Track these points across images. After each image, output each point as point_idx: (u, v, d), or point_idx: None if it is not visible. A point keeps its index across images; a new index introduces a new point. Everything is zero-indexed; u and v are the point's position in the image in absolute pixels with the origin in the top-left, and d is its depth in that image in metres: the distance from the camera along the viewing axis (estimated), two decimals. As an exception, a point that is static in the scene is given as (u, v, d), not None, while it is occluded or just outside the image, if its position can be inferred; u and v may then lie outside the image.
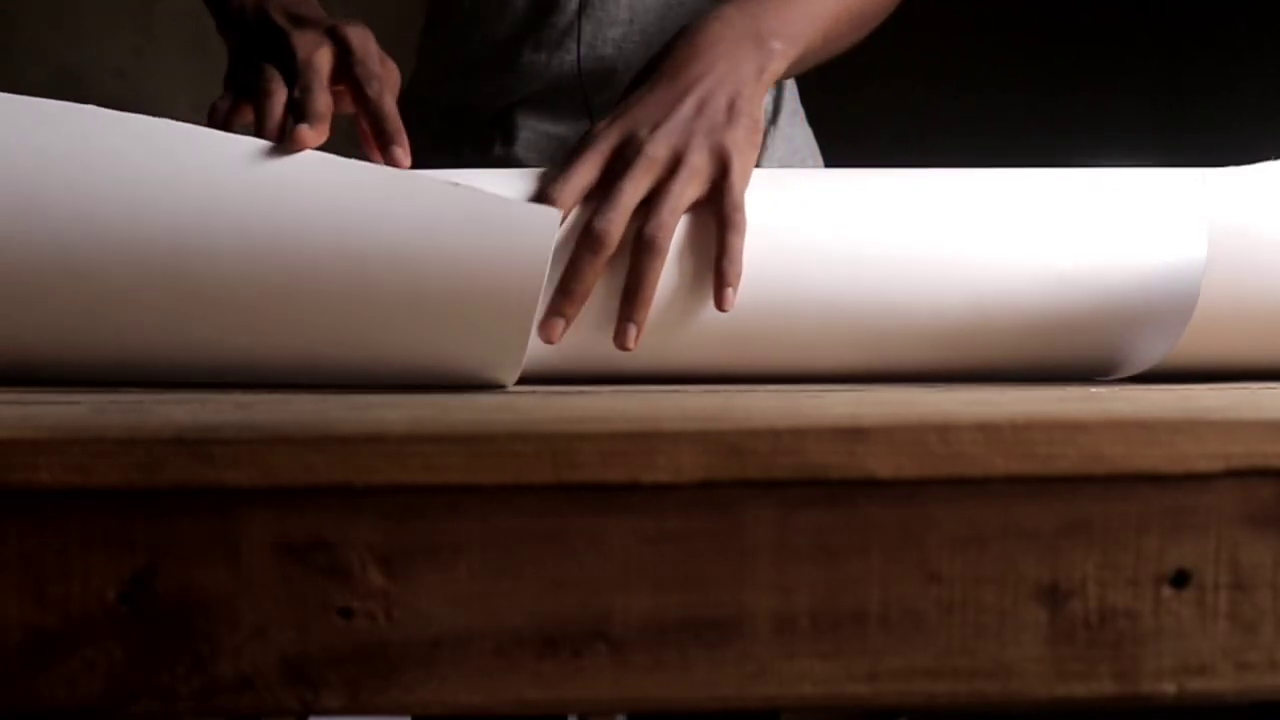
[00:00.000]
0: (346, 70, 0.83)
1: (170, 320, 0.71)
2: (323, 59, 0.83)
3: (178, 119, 0.86)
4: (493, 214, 0.70)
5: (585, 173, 0.77)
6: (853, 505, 0.56)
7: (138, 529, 0.55)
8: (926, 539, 0.57)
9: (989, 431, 0.56)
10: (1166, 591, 0.57)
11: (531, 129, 1.09)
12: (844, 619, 0.57)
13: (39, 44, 2.33)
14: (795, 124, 1.14)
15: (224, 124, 0.84)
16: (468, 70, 1.11)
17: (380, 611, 0.56)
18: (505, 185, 0.78)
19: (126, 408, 0.63)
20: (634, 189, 0.76)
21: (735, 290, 0.75)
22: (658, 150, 0.77)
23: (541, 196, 0.76)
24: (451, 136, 1.12)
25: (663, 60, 0.83)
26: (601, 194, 0.76)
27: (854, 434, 0.56)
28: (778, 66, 0.83)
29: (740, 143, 0.78)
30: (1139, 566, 0.57)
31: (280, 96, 0.81)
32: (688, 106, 0.79)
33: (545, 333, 0.75)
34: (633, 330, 0.74)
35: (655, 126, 0.78)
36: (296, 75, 0.82)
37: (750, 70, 0.81)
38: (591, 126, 0.81)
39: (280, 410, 0.62)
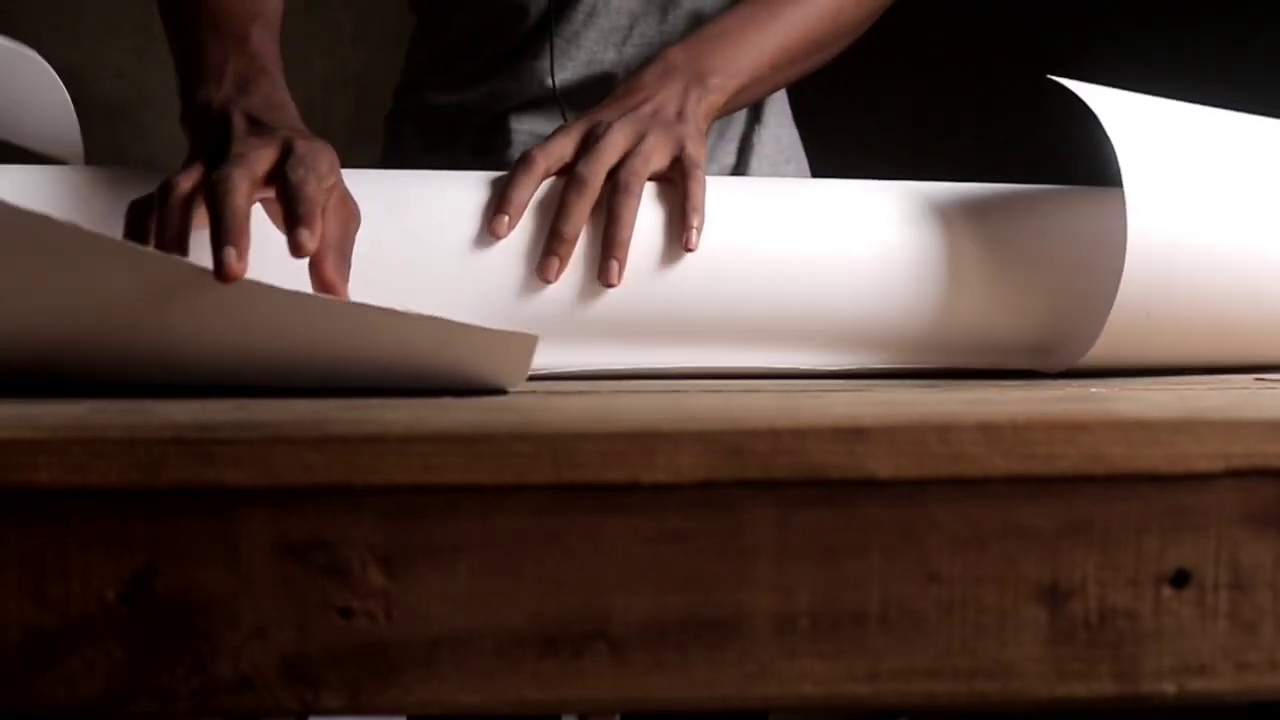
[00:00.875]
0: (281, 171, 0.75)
1: (157, 345, 0.71)
2: (259, 156, 0.75)
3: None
4: (477, 341, 0.69)
5: (559, 149, 0.85)
6: (853, 505, 0.56)
7: (138, 529, 0.55)
8: (926, 539, 0.57)
9: (989, 431, 0.56)
10: (1166, 591, 0.57)
11: (528, 133, 1.10)
12: (844, 619, 0.57)
13: (39, 44, 2.33)
14: (784, 125, 1.17)
15: (138, 227, 0.76)
16: (469, 76, 1.11)
17: (380, 611, 0.56)
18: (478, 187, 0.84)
19: (126, 408, 0.63)
20: (611, 147, 0.84)
21: (699, 231, 0.82)
22: (624, 128, 0.86)
23: (524, 158, 0.84)
24: (446, 138, 1.13)
25: (619, 88, 0.92)
26: (578, 157, 0.84)
27: (854, 434, 0.56)
28: (715, 100, 0.92)
29: (691, 135, 0.87)
30: (1139, 566, 0.57)
31: (177, 201, 0.73)
32: (645, 109, 0.88)
33: (543, 273, 0.81)
34: (614, 266, 0.81)
35: (618, 119, 0.87)
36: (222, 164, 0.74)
37: (693, 98, 0.90)
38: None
39: (280, 410, 0.62)
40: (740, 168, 1.13)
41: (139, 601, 0.55)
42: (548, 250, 0.81)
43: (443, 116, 1.13)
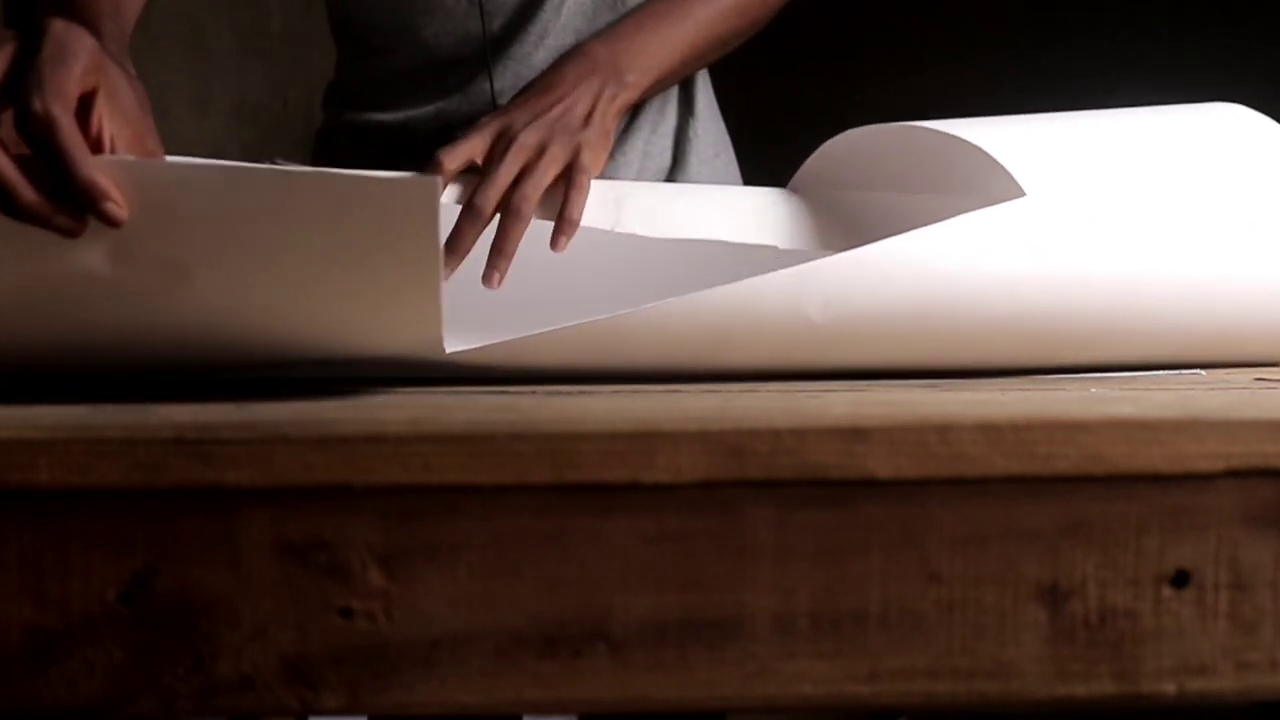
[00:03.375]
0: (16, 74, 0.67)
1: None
2: None
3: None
4: (374, 193, 0.66)
5: (469, 149, 0.94)
6: (853, 505, 0.56)
7: (138, 529, 0.55)
8: (926, 539, 0.57)
9: (989, 431, 0.56)
10: (1166, 591, 0.57)
11: None
12: (844, 619, 0.57)
13: (38, 43, 2.32)
14: (714, 117, 1.22)
15: None
16: (417, 97, 1.12)
17: (380, 611, 0.56)
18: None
19: (126, 408, 0.63)
20: (508, 171, 0.93)
21: (570, 237, 0.92)
22: (528, 139, 0.94)
23: (433, 160, 0.92)
24: (386, 150, 1.13)
25: (540, 79, 1.01)
26: (483, 174, 0.93)
27: (854, 434, 0.56)
28: (630, 95, 1.02)
29: (592, 141, 0.96)
30: (1139, 566, 0.57)
31: None
32: (555, 111, 0.97)
33: None
34: (496, 275, 0.90)
35: (527, 123, 0.95)
36: None
37: (607, 96, 1.00)
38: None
39: (280, 410, 0.62)
40: (677, 163, 1.17)
41: (139, 602, 0.55)
42: None
43: (385, 132, 1.14)
